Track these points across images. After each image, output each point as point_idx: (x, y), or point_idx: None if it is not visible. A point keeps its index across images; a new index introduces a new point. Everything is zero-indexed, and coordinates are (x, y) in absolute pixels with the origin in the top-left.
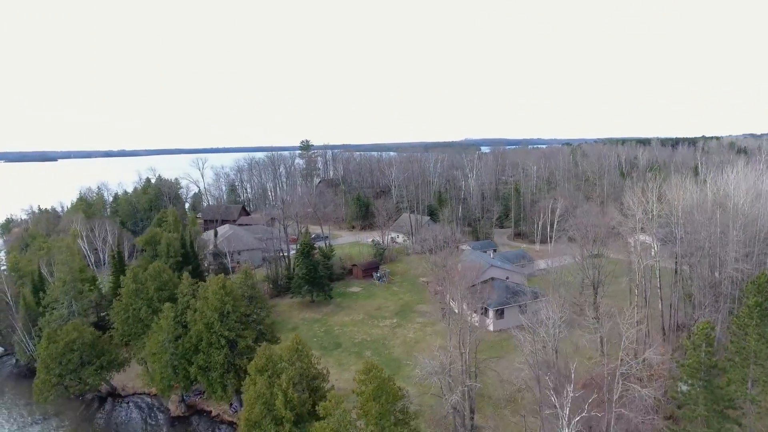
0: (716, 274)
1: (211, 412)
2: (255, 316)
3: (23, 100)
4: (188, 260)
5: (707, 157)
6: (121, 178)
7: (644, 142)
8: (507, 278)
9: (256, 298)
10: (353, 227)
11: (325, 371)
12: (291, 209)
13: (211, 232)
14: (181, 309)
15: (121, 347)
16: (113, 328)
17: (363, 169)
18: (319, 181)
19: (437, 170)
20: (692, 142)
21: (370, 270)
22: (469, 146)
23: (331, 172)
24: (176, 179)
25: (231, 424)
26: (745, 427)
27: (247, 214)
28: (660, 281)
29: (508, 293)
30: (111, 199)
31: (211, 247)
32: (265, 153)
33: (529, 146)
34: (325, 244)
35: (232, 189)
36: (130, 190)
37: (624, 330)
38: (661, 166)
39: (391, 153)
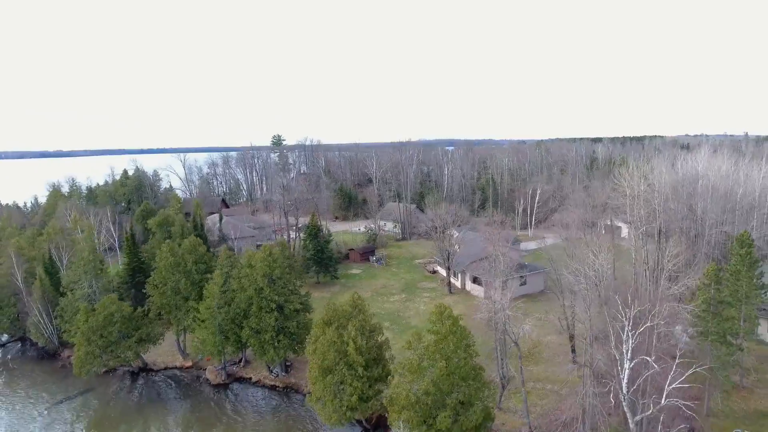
0: (692, 240)
1: (251, 378)
2: (292, 286)
3: None
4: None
5: (659, 153)
6: (87, 174)
7: (596, 140)
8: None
9: (293, 268)
10: (336, 218)
11: (378, 326)
12: (291, 195)
13: (215, 217)
14: (224, 279)
15: (155, 321)
16: (149, 301)
17: (342, 161)
18: (295, 174)
19: (413, 163)
20: (639, 140)
21: (366, 254)
22: (425, 146)
23: (303, 167)
24: (155, 171)
25: (273, 387)
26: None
27: (227, 206)
28: (647, 252)
29: (510, 268)
30: (85, 192)
31: (216, 231)
32: (235, 152)
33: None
34: (322, 230)
35: (207, 183)
36: (101, 184)
37: (666, 262)
38: (620, 161)
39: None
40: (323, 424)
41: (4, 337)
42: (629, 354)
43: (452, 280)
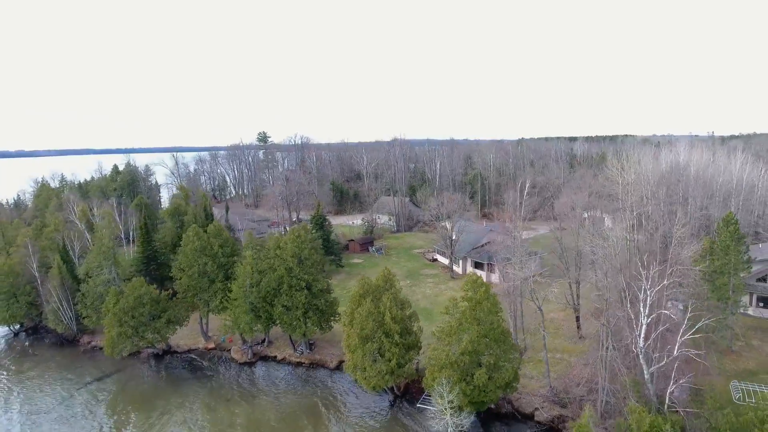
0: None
1: (276, 356)
2: (318, 267)
3: None
4: None
5: (636, 150)
6: (61, 171)
7: (572, 139)
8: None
9: (317, 251)
10: (329, 212)
11: (407, 299)
12: (293, 187)
13: (218, 210)
14: (252, 261)
15: (180, 303)
16: (178, 283)
17: (332, 158)
18: (283, 170)
19: (402, 160)
20: (612, 139)
21: (365, 244)
22: (402, 145)
23: (287, 163)
24: (146, 166)
25: (298, 364)
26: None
27: (218, 201)
28: (637, 236)
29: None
30: (76, 187)
31: (223, 221)
32: (223, 151)
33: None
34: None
35: (196, 179)
36: (88, 179)
37: (675, 231)
38: (599, 157)
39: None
40: (349, 393)
41: (16, 327)
42: (647, 310)
43: (454, 266)
